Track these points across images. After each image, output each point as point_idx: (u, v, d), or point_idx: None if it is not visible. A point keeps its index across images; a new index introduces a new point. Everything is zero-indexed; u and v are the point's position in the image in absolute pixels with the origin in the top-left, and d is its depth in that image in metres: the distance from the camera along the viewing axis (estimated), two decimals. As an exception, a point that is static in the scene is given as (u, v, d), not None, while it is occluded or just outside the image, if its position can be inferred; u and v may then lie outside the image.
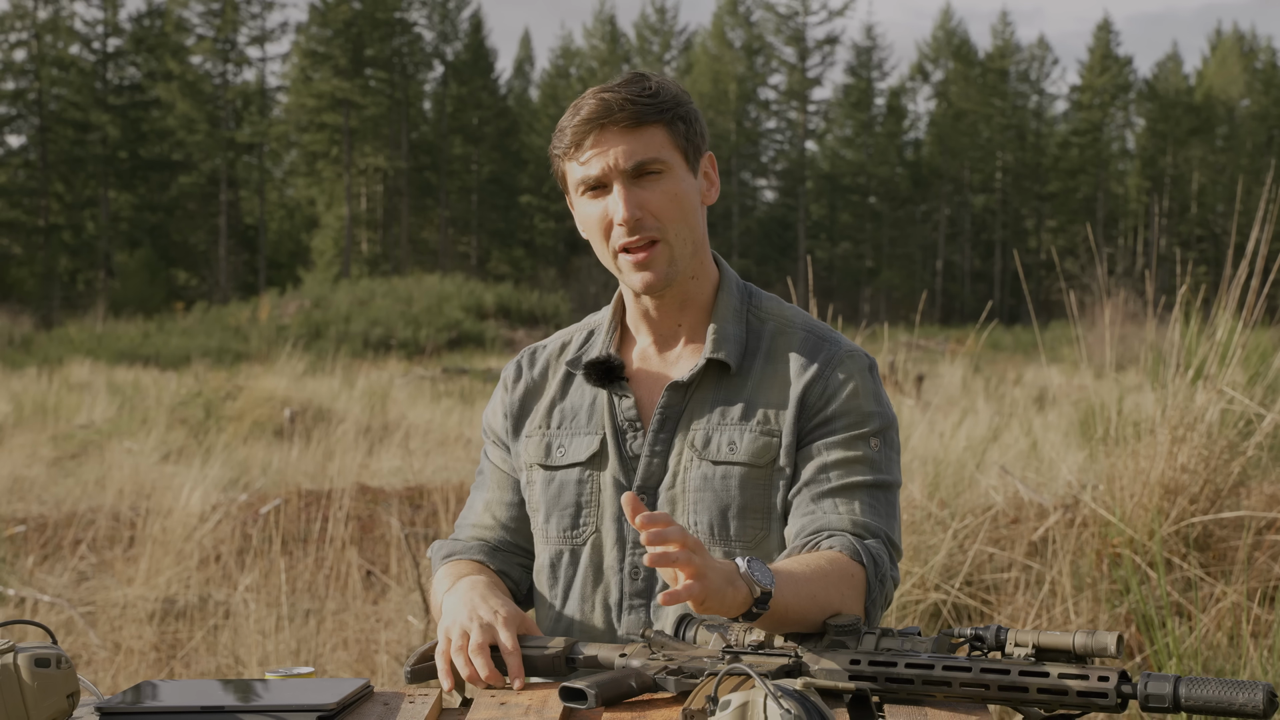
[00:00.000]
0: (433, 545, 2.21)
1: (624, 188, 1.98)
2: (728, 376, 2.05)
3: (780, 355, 2.06)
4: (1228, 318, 5.04)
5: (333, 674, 4.78)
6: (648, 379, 2.09)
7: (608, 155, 1.98)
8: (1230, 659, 4.19)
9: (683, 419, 2.04)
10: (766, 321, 2.09)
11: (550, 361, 2.18)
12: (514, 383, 2.19)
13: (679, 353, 2.09)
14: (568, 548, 2.07)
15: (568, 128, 2.00)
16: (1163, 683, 1.46)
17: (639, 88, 1.99)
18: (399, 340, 28.45)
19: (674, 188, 2.00)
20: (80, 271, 48.62)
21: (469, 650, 1.84)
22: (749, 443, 2.00)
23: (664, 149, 1.99)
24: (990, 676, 1.53)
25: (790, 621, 1.72)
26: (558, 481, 2.08)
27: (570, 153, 2.01)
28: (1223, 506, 4.81)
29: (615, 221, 1.99)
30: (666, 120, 2.00)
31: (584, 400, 2.11)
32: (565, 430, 2.10)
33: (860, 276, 57.54)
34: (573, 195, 2.05)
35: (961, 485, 5.77)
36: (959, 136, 58.81)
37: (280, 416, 12.47)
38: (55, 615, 5.73)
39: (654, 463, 2.04)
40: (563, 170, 2.05)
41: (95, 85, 49.77)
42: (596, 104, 1.98)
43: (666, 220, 1.99)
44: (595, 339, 2.15)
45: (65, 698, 1.59)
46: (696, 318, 2.09)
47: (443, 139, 54.99)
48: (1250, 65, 60.97)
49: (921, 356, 17.44)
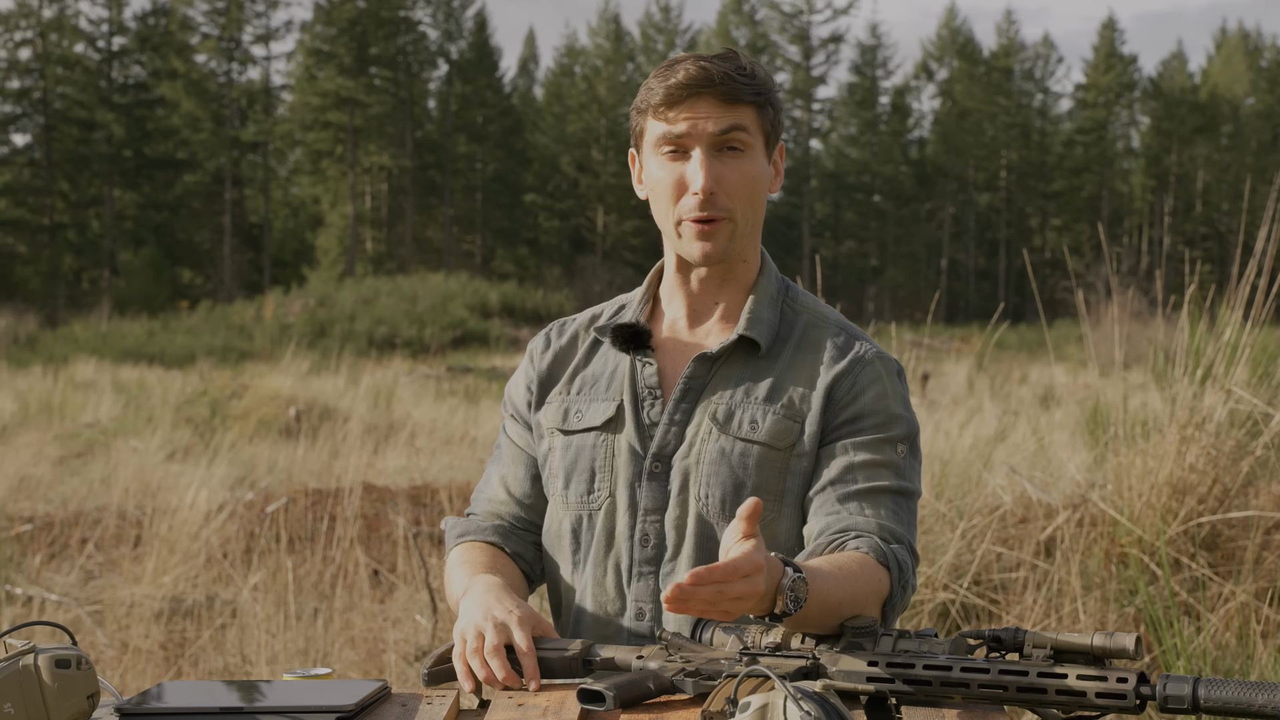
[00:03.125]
0: (446, 520, 2.21)
1: (706, 157, 1.99)
2: (755, 357, 2.05)
3: (811, 346, 2.06)
4: (1235, 317, 5.03)
5: (341, 673, 4.79)
6: (674, 349, 2.10)
7: (699, 120, 1.98)
8: (1239, 659, 4.19)
9: (705, 391, 2.04)
10: (801, 313, 2.10)
11: (579, 331, 2.19)
12: (542, 352, 2.19)
13: (709, 328, 2.10)
14: (585, 513, 2.07)
15: (659, 87, 1.99)
16: (1181, 684, 1.46)
17: (736, 64, 2.00)
18: (404, 339, 28.46)
19: (751, 168, 2.01)
20: (85, 270, 48.66)
21: (485, 652, 1.84)
22: (771, 424, 2.00)
23: (751, 125, 2.01)
24: (1009, 678, 1.52)
25: (811, 622, 1.72)
26: (575, 446, 2.09)
27: (659, 110, 2.00)
28: (1231, 506, 4.81)
29: (691, 189, 2.00)
30: (759, 103, 2.01)
31: (606, 367, 2.12)
32: (584, 396, 2.11)
33: (865, 275, 57.50)
34: (647, 152, 2.05)
35: (969, 485, 5.77)
36: (963, 135, 58.77)
37: (286, 415, 12.47)
38: (63, 614, 5.74)
39: (671, 430, 2.04)
40: (642, 126, 2.05)
41: (100, 84, 49.80)
42: (697, 71, 1.98)
43: (738, 200, 2.01)
44: (626, 311, 2.16)
45: (85, 698, 1.59)
46: (734, 298, 2.10)
47: (447, 137, 54.99)
48: (1255, 63, 60.90)
49: (926, 355, 17.43)
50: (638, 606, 2.03)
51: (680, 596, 1.55)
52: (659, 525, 2.02)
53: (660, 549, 2.02)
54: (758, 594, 1.60)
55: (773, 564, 1.65)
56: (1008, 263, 58.89)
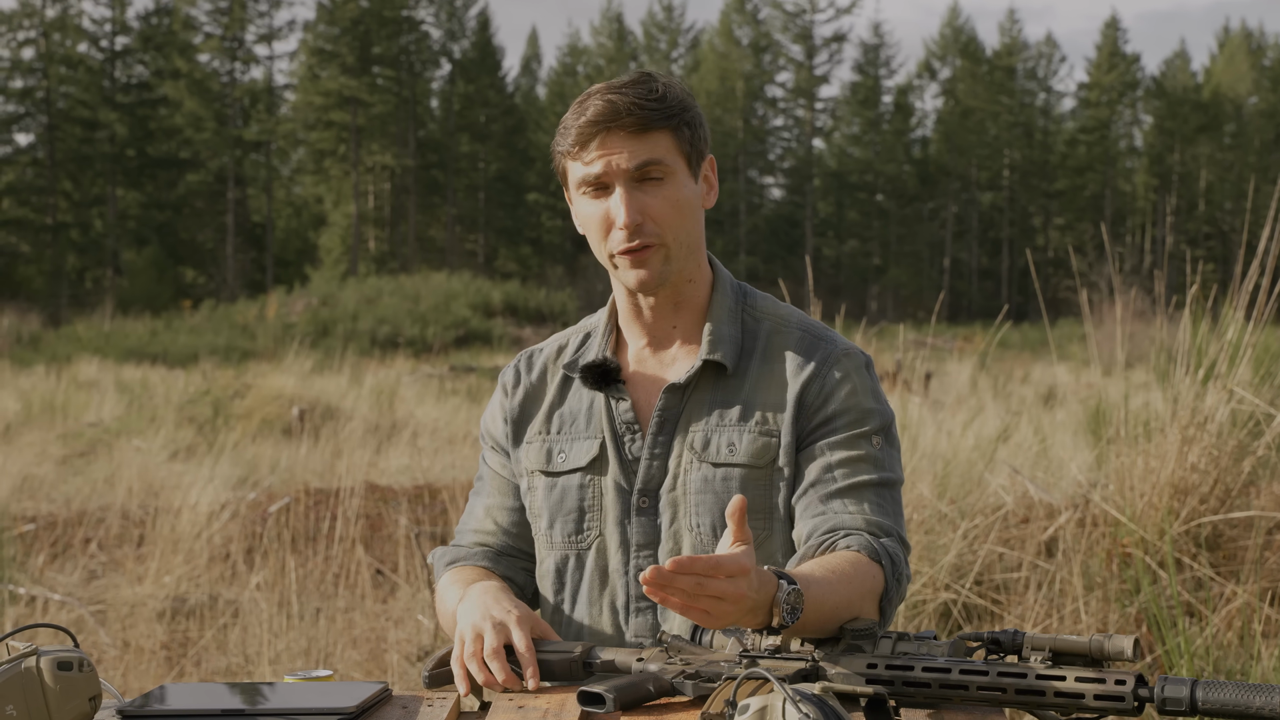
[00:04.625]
0: (433, 552, 2.20)
1: (626, 191, 1.97)
2: (724, 377, 2.04)
3: (776, 355, 2.05)
4: (1238, 317, 5.03)
5: (343, 673, 4.79)
6: (644, 381, 2.09)
7: (612, 158, 1.97)
8: (1241, 659, 4.19)
9: (681, 421, 2.04)
10: (762, 321, 2.09)
11: (548, 365, 2.18)
12: (513, 388, 2.18)
13: (674, 354, 2.09)
14: (573, 552, 2.07)
15: (573, 127, 1.99)
16: (1180, 686, 1.47)
17: (645, 90, 1.98)
18: (406, 338, 28.45)
19: (675, 194, 1.99)
20: (88, 269, 48.69)
21: (485, 654, 1.85)
22: (748, 444, 2.00)
23: (668, 154, 1.99)
24: (1007, 680, 1.53)
25: (809, 629, 1.73)
26: (560, 487, 2.08)
27: (574, 152, 2.00)
28: (1233, 506, 4.81)
29: (616, 225, 1.99)
30: (673, 126, 1.99)
31: (582, 404, 2.11)
32: (565, 435, 2.10)
33: (868, 274, 57.49)
34: (573, 193, 2.04)
35: (970, 485, 5.77)
36: (966, 134, 58.75)
37: (288, 415, 12.48)
38: (65, 614, 5.74)
39: (654, 465, 2.03)
40: (564, 167, 2.04)
41: (103, 83, 49.83)
42: (604, 105, 1.96)
43: (666, 226, 1.99)
44: (591, 342, 2.14)
45: (87, 700, 1.60)
46: (691, 319, 2.09)
47: (450, 137, 55.00)
48: (1258, 62, 60.85)
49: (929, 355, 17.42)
50: (637, 642, 2.03)
51: (657, 580, 1.54)
52: (653, 560, 2.03)
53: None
54: (740, 597, 1.59)
55: (766, 577, 1.65)
56: (1010, 262, 58.86)
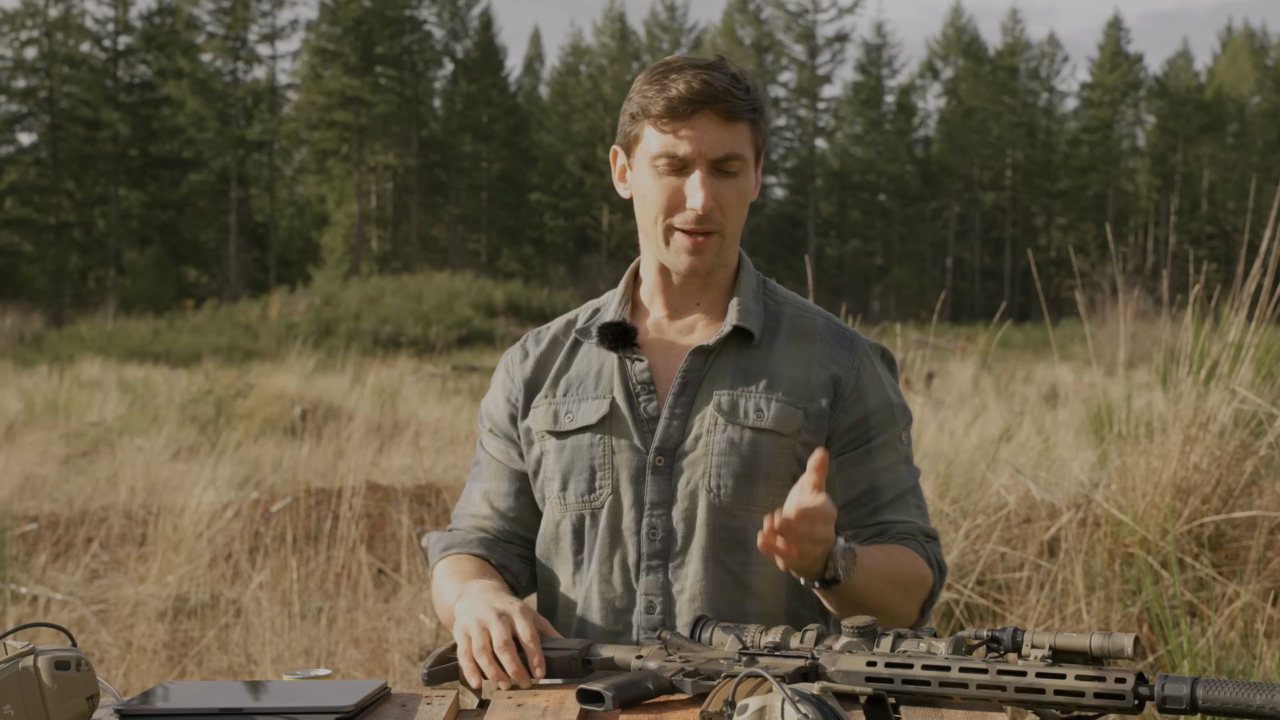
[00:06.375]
0: (429, 536, 2.21)
1: (707, 177, 1.99)
2: (749, 348, 2.07)
3: (803, 336, 2.10)
4: (1240, 317, 5.02)
5: (345, 673, 4.79)
6: (662, 346, 2.11)
7: (701, 141, 1.98)
8: (1243, 659, 4.19)
9: (704, 384, 2.06)
10: (784, 305, 2.14)
11: (557, 336, 2.19)
12: (521, 362, 2.18)
13: (692, 324, 2.12)
14: (587, 511, 2.08)
15: (660, 97, 1.98)
16: (1180, 684, 1.46)
17: (733, 77, 2.01)
18: (409, 338, 28.45)
19: (745, 186, 2.04)
20: (91, 269, 48.72)
21: (494, 648, 1.85)
22: (776, 411, 2.03)
23: (747, 148, 2.02)
24: (1007, 678, 1.52)
25: (857, 594, 1.88)
26: (570, 447, 2.09)
27: (660, 122, 1.99)
28: (1235, 506, 4.80)
29: (690, 206, 2.00)
30: (753, 120, 2.02)
31: (591, 367, 2.12)
32: (572, 397, 2.11)
33: (870, 274, 57.48)
34: (641, 159, 2.04)
35: (973, 484, 5.77)
36: (969, 134, 58.72)
37: (291, 414, 12.48)
38: (67, 613, 5.74)
39: (674, 425, 2.05)
40: (637, 133, 2.04)
41: (106, 83, 49.86)
42: (700, 85, 1.97)
43: (730, 216, 2.03)
44: (605, 311, 2.16)
45: (85, 700, 1.59)
46: (715, 296, 2.12)
47: (452, 136, 55.01)
48: (1261, 62, 60.80)
49: (931, 354, 17.41)
50: (648, 600, 2.04)
51: (783, 528, 1.75)
52: (666, 519, 2.04)
53: (669, 542, 2.04)
54: (830, 539, 1.81)
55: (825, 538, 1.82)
56: (1013, 261, 58.84)
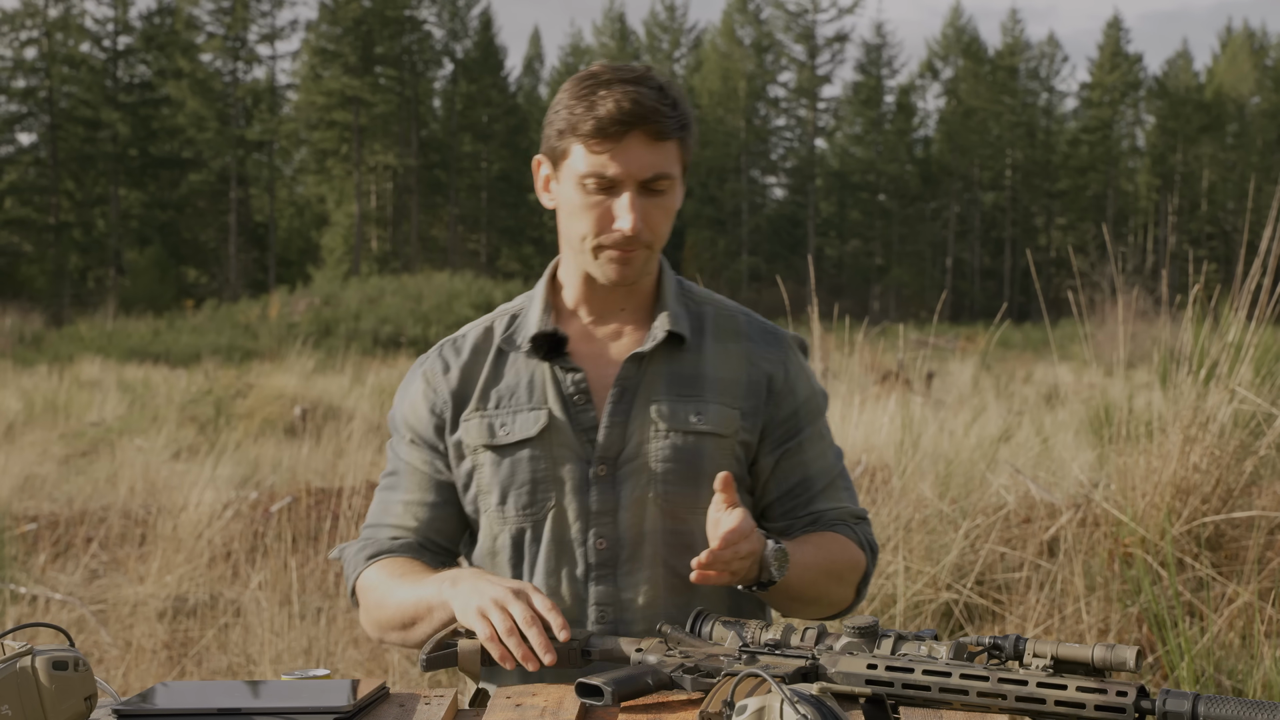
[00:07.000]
0: (343, 547, 2.17)
1: (636, 197, 1.99)
2: (679, 351, 2.08)
3: (730, 335, 2.12)
4: (1240, 317, 5.02)
5: (344, 673, 4.79)
6: (591, 355, 2.10)
7: (631, 163, 1.97)
8: (1243, 659, 4.19)
9: (640, 391, 2.06)
10: (704, 305, 2.16)
11: (477, 345, 2.14)
12: (444, 373, 2.13)
13: (619, 330, 2.12)
14: (528, 525, 2.05)
15: (589, 116, 1.96)
16: (1181, 700, 1.44)
17: (660, 92, 1.99)
18: (409, 338, 28.44)
19: (672, 204, 2.04)
20: (90, 269, 48.72)
21: (521, 626, 1.80)
22: (715, 413, 2.05)
23: (674, 166, 2.01)
24: (1008, 687, 1.51)
25: (794, 590, 1.93)
26: (509, 461, 2.06)
27: (588, 142, 1.97)
28: (1235, 506, 4.80)
29: (618, 228, 1.99)
30: (682, 136, 2.02)
31: (520, 378, 2.09)
32: (505, 409, 2.08)
33: (870, 274, 57.48)
34: (568, 176, 2.02)
35: (972, 484, 5.77)
36: (968, 134, 58.73)
37: (290, 414, 12.48)
38: (67, 613, 5.74)
39: (614, 433, 2.04)
40: (564, 149, 2.01)
41: (106, 83, 49.86)
42: (630, 104, 1.95)
43: (657, 233, 2.03)
44: (525, 319, 2.13)
45: (83, 700, 1.59)
46: (639, 302, 2.12)
47: (452, 136, 55.02)
48: (1261, 62, 60.81)
49: (931, 354, 17.41)
50: (600, 610, 2.03)
51: (711, 563, 1.78)
52: (613, 528, 2.03)
53: (616, 551, 2.03)
54: (756, 551, 1.83)
55: (758, 534, 1.85)
56: (1013, 262, 58.85)
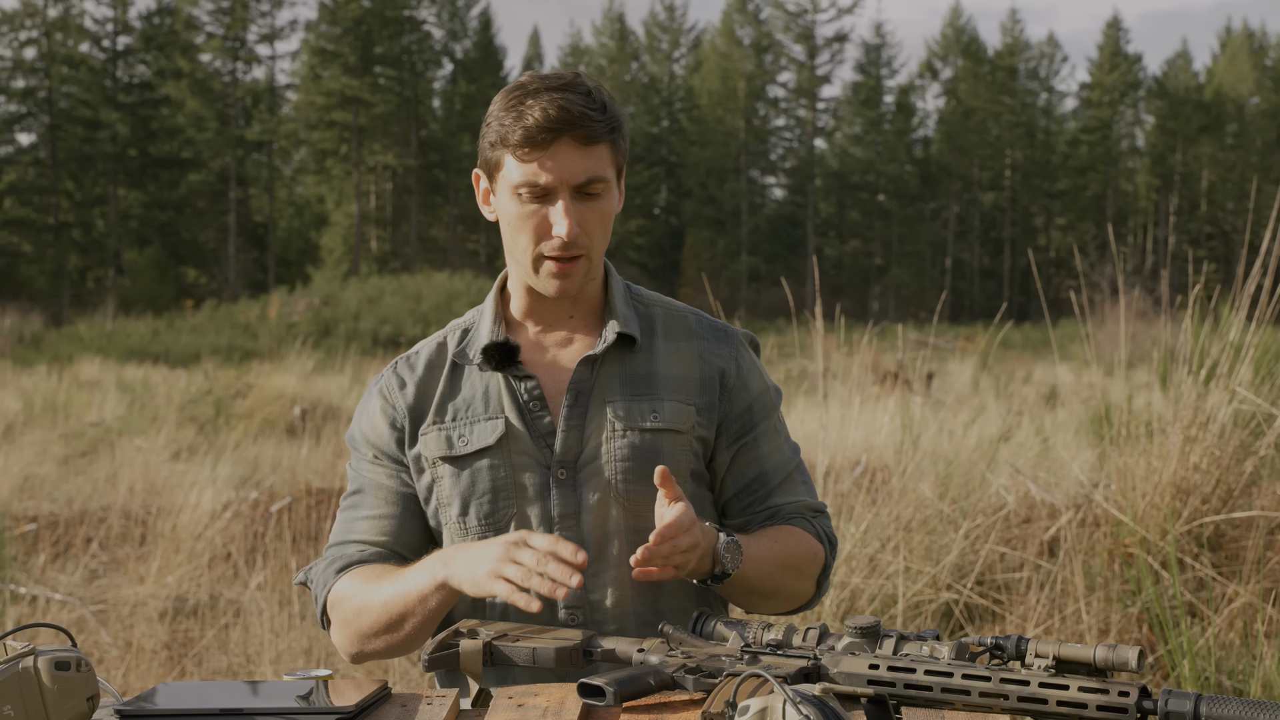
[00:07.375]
0: (311, 567, 2.16)
1: (570, 203, 2.00)
2: (630, 353, 2.10)
3: (680, 334, 2.14)
4: (1240, 317, 5.02)
5: (344, 673, 4.79)
6: (543, 362, 2.12)
7: (562, 169, 1.98)
8: (1243, 659, 4.19)
9: (594, 393, 2.07)
10: (652, 306, 2.18)
11: (431, 360, 2.16)
12: (400, 389, 2.14)
13: (569, 337, 2.13)
14: (491, 533, 2.05)
15: (517, 125, 1.97)
16: (1184, 700, 1.44)
17: (589, 97, 1.99)
18: (408, 338, 28.42)
19: (608, 208, 2.04)
20: (90, 269, 48.72)
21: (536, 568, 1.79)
22: (670, 410, 2.07)
23: (608, 168, 2.02)
24: (1010, 687, 1.51)
25: (751, 583, 1.98)
26: (469, 471, 2.07)
27: (519, 151, 1.99)
28: (1235, 506, 4.80)
29: (556, 234, 2.00)
30: (612, 139, 2.02)
31: (476, 390, 2.11)
32: (462, 421, 2.09)
33: (869, 274, 57.49)
34: (504, 187, 2.03)
35: (972, 484, 5.77)
36: (968, 134, 58.73)
37: (290, 414, 12.49)
38: (67, 614, 5.74)
39: (571, 436, 2.05)
40: (497, 160, 2.02)
41: (105, 83, 49.86)
42: (556, 111, 1.96)
43: (595, 237, 2.04)
44: (477, 331, 2.15)
45: (85, 700, 1.59)
46: (587, 309, 2.14)
47: (452, 137, 55.02)
48: (1260, 62, 60.82)
49: (931, 354, 17.41)
50: (569, 613, 2.04)
51: (648, 558, 1.79)
52: (576, 530, 2.04)
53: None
54: (697, 544, 1.84)
55: (707, 529, 1.89)
56: (1012, 262, 58.85)
